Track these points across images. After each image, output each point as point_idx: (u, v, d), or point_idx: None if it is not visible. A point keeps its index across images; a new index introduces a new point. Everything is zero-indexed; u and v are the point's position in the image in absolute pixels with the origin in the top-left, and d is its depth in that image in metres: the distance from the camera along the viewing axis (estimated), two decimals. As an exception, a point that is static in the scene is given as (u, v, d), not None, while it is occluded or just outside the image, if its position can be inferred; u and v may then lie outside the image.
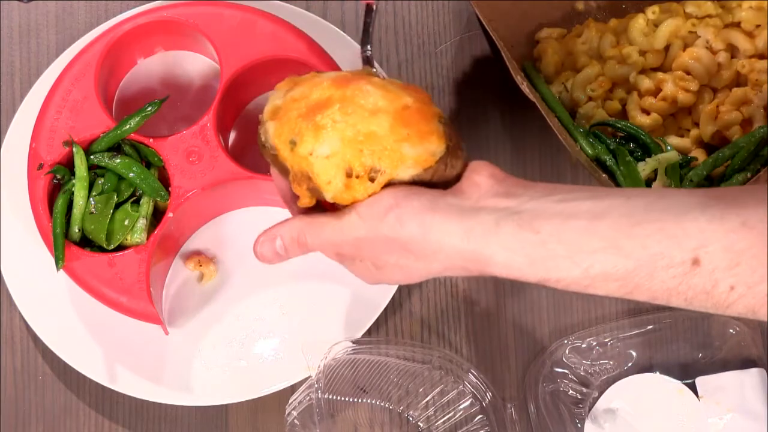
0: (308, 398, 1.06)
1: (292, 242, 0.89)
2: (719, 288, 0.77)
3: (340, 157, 0.84)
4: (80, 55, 1.10)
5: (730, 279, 0.77)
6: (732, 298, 0.77)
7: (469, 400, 1.13)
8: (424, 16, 1.21)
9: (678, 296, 0.78)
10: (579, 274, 0.79)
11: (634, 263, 0.78)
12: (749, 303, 0.77)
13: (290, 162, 0.86)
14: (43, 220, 1.05)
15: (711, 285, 0.77)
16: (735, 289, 0.77)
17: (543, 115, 1.10)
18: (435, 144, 0.85)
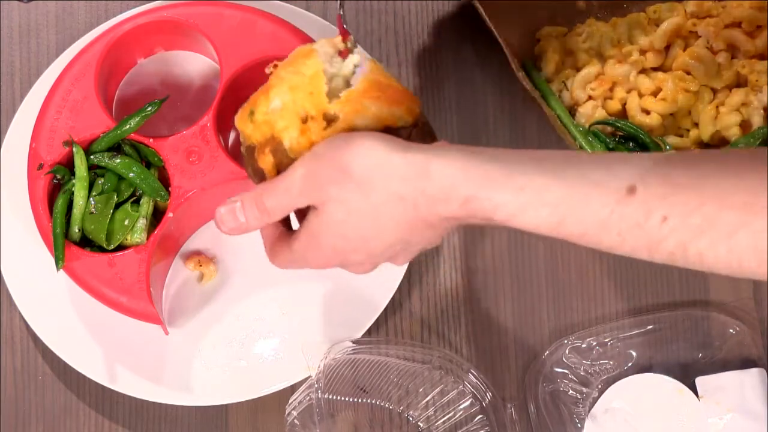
0: (308, 398, 1.06)
1: (251, 206, 0.87)
2: (652, 219, 0.76)
3: (293, 103, 0.85)
4: (80, 55, 1.09)
5: (663, 209, 0.76)
6: (664, 231, 0.76)
7: (469, 400, 1.13)
8: (424, 16, 1.21)
9: (610, 230, 0.77)
10: (511, 193, 0.79)
11: (569, 188, 0.78)
12: (681, 238, 0.76)
13: (254, 136, 0.87)
14: (43, 220, 1.05)
15: (644, 215, 0.76)
16: (668, 221, 0.76)
17: (543, 113, 1.10)
18: (402, 112, 0.86)
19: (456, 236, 1.17)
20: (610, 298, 1.17)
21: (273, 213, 0.86)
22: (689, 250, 0.76)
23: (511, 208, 0.79)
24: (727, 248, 0.75)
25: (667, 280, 1.17)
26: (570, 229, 0.78)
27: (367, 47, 1.19)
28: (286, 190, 0.85)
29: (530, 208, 0.79)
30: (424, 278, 1.16)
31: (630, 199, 0.77)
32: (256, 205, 0.86)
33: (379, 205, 0.81)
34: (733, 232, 0.74)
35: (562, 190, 0.78)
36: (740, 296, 1.16)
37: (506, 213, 0.79)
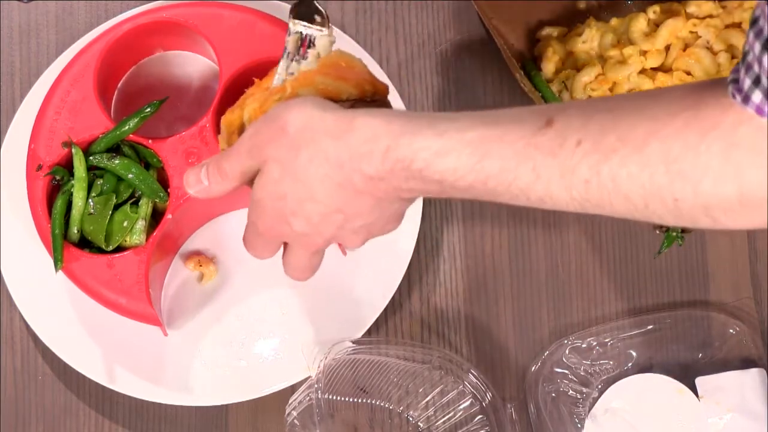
0: (308, 398, 1.06)
1: (212, 169, 0.90)
2: (566, 145, 0.76)
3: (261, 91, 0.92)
4: (79, 56, 1.09)
5: (578, 134, 0.76)
6: (578, 156, 0.76)
7: (469, 400, 1.13)
8: (424, 16, 1.21)
9: (526, 162, 0.77)
10: (431, 138, 0.79)
11: (489, 126, 0.79)
12: (594, 160, 0.75)
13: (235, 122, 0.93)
14: (42, 221, 1.05)
15: (558, 144, 0.76)
16: (581, 144, 0.76)
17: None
18: (350, 87, 0.89)
19: (456, 236, 1.17)
20: (610, 298, 1.17)
21: (230, 175, 0.89)
22: (602, 174, 0.75)
23: (431, 152, 0.80)
24: (638, 162, 0.74)
25: (667, 280, 1.17)
26: (488, 168, 0.78)
27: (367, 47, 1.19)
28: (237, 152, 0.87)
29: (451, 149, 0.79)
30: (424, 278, 1.16)
31: (546, 129, 0.77)
32: (217, 168, 0.89)
33: (307, 162, 0.83)
34: (643, 144, 0.74)
35: (483, 129, 0.79)
36: (740, 296, 1.16)
37: (426, 156, 0.80)
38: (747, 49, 0.71)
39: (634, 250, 1.17)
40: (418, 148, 0.80)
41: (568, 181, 0.77)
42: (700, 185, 0.73)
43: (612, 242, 1.18)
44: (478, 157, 0.78)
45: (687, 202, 0.74)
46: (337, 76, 0.89)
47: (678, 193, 0.74)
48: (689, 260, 1.17)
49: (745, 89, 0.70)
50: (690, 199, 0.74)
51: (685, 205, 0.75)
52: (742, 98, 0.71)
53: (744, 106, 0.71)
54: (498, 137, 0.78)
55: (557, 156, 0.76)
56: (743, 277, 1.17)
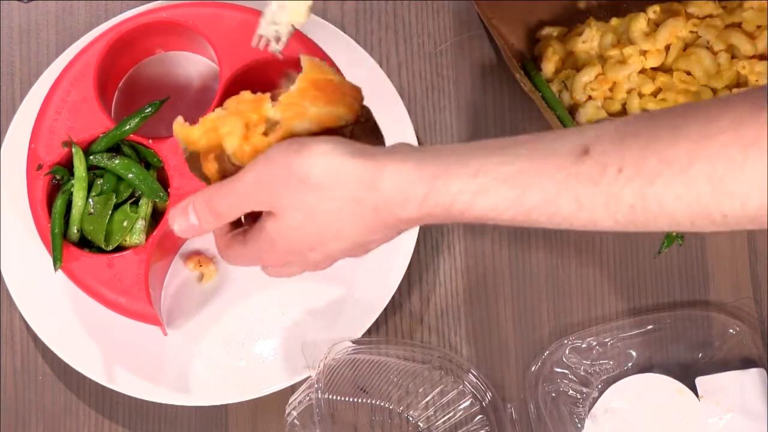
0: (308, 398, 1.06)
1: (202, 208, 0.87)
2: (607, 173, 0.76)
3: (237, 109, 0.87)
4: (80, 56, 1.09)
5: (618, 161, 0.76)
6: (620, 182, 0.76)
7: (469, 400, 1.13)
8: (424, 16, 1.21)
9: (568, 193, 0.77)
10: (468, 176, 0.79)
11: (524, 160, 0.78)
12: (637, 186, 0.75)
13: (199, 142, 0.87)
14: (42, 220, 1.05)
15: (598, 171, 0.76)
16: (623, 171, 0.76)
17: (543, 114, 1.10)
18: (342, 110, 0.87)
19: (456, 236, 1.17)
20: (610, 298, 1.17)
21: (225, 216, 0.87)
22: (647, 198, 0.75)
23: (470, 193, 0.79)
24: (684, 183, 0.74)
25: (667, 280, 1.17)
26: (530, 201, 0.78)
27: (367, 47, 1.19)
28: (237, 195, 0.85)
29: (489, 188, 0.79)
30: (424, 278, 1.16)
31: (584, 158, 0.77)
32: (208, 208, 0.87)
33: (337, 210, 0.82)
34: (687, 165, 0.74)
35: (518, 163, 0.78)
36: (740, 296, 1.16)
37: (466, 199, 0.79)
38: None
39: (634, 250, 1.17)
40: (457, 191, 0.79)
41: (612, 207, 0.77)
42: (748, 201, 0.74)
43: (612, 242, 1.18)
44: (518, 191, 0.78)
45: (735, 216, 0.75)
46: (327, 101, 0.87)
47: (726, 209, 0.74)
48: (689, 260, 1.17)
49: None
50: (738, 214, 0.75)
51: (733, 220, 0.75)
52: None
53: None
54: (536, 171, 0.78)
55: (599, 184, 0.77)
56: (743, 277, 1.17)
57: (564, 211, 0.78)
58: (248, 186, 0.84)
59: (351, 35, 1.18)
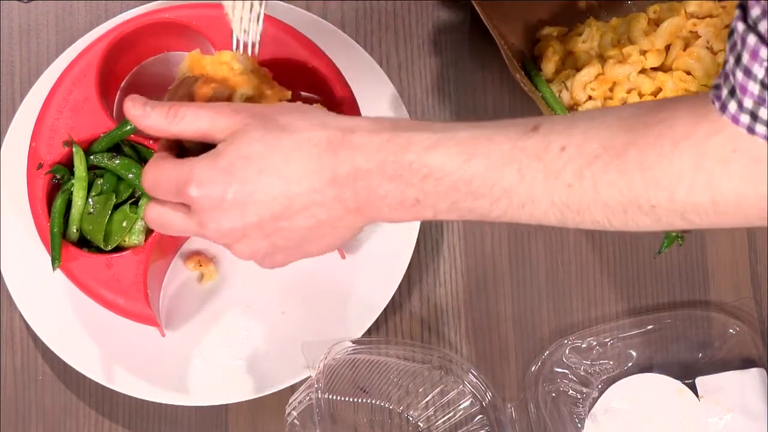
0: (308, 398, 1.06)
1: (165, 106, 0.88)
2: (551, 149, 0.79)
3: None
4: (82, 55, 1.09)
5: (563, 140, 0.79)
6: (562, 161, 0.78)
7: (469, 400, 1.13)
8: (424, 16, 1.21)
9: (511, 164, 0.80)
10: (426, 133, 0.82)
11: (478, 129, 0.82)
12: (577, 166, 0.78)
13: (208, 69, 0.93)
14: (42, 219, 1.05)
15: (543, 147, 0.79)
16: (566, 150, 0.78)
17: (543, 114, 1.10)
18: None
19: (456, 236, 1.17)
20: (610, 298, 1.17)
21: (181, 117, 0.86)
22: (585, 179, 0.78)
23: (424, 146, 0.81)
24: (617, 169, 0.77)
25: (667, 280, 1.17)
26: (474, 168, 0.80)
27: (367, 47, 1.19)
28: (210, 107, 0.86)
29: (440, 145, 0.81)
30: (424, 278, 1.16)
31: (532, 134, 0.80)
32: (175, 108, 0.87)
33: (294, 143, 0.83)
34: (622, 152, 0.77)
35: (473, 131, 0.82)
36: (740, 296, 1.16)
37: (419, 150, 0.81)
38: (726, 59, 0.74)
39: (634, 250, 1.17)
40: (414, 141, 0.82)
41: (551, 184, 0.79)
42: (674, 193, 0.76)
43: (612, 242, 1.18)
44: (466, 156, 0.81)
45: (663, 208, 0.77)
46: None
47: (654, 199, 0.77)
48: (689, 260, 1.17)
49: (723, 98, 0.73)
50: (665, 206, 0.77)
51: (662, 211, 0.77)
52: (720, 106, 0.74)
53: (721, 114, 0.73)
54: (486, 138, 0.81)
55: (542, 159, 0.79)
56: (743, 277, 1.17)
57: (505, 183, 0.80)
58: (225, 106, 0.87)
59: (351, 35, 1.18)
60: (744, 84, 0.71)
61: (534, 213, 0.81)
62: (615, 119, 0.79)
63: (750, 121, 0.72)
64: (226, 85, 0.92)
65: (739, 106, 0.72)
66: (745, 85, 0.71)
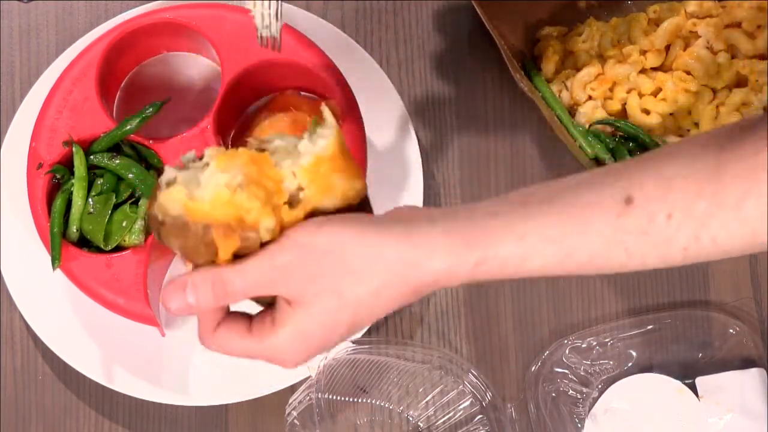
0: (308, 398, 1.06)
1: (206, 287, 0.78)
2: (656, 221, 0.75)
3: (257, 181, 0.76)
4: (82, 55, 1.10)
5: (665, 208, 0.75)
6: (671, 229, 0.75)
7: (469, 400, 1.13)
8: (424, 16, 1.21)
9: (617, 247, 0.77)
10: (514, 241, 0.77)
11: (567, 219, 0.77)
12: (690, 231, 0.75)
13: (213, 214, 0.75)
14: (42, 219, 1.05)
15: (647, 221, 0.76)
16: (673, 217, 0.75)
17: (543, 113, 1.10)
18: (360, 184, 0.79)
19: (456, 236, 1.17)
20: (610, 298, 1.17)
21: (232, 298, 0.79)
22: (702, 239, 0.75)
23: (518, 258, 0.77)
24: (738, 221, 0.74)
25: (667, 280, 1.17)
26: (578, 259, 0.77)
27: (367, 47, 1.19)
28: (258, 276, 0.77)
29: (536, 251, 0.77)
30: (424, 278, 1.16)
31: (630, 209, 0.76)
32: (214, 286, 0.78)
33: (375, 291, 0.77)
34: (739, 203, 0.74)
35: (562, 223, 0.77)
36: (740, 296, 1.16)
37: (515, 263, 0.78)
38: None
39: (634, 250, 1.17)
40: (504, 257, 0.77)
41: (663, 251, 0.77)
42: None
43: (612, 242, 1.17)
44: (565, 252, 0.77)
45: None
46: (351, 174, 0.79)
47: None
48: (689, 260, 1.17)
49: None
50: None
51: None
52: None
53: None
54: (581, 231, 0.77)
55: (648, 233, 0.76)
56: (743, 277, 1.17)
57: (614, 263, 0.77)
58: (275, 267, 0.76)
59: (351, 35, 1.18)
60: None
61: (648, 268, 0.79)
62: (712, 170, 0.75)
63: None
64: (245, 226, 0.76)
65: None
66: None
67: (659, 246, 0.76)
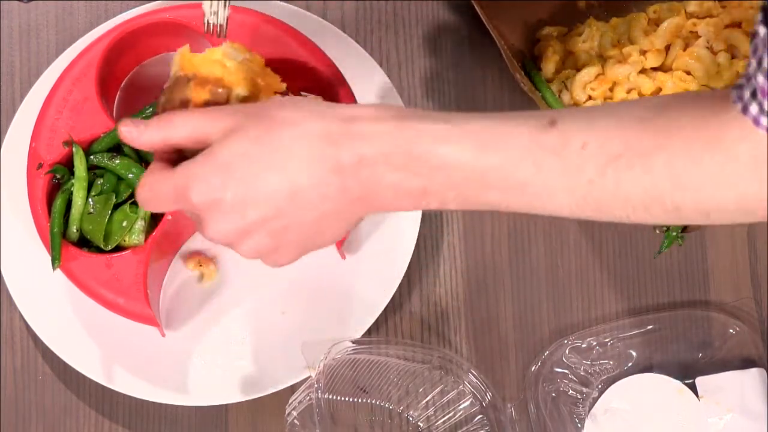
0: (308, 398, 1.06)
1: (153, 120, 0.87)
2: (571, 146, 0.78)
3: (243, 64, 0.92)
4: (82, 55, 1.09)
5: (583, 137, 0.78)
6: (582, 158, 0.78)
7: (469, 400, 1.13)
8: (424, 16, 1.21)
9: (528, 158, 0.79)
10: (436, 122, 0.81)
11: (491, 121, 0.81)
12: (599, 163, 0.78)
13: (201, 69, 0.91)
14: (42, 219, 1.05)
15: (562, 143, 0.79)
16: (587, 147, 0.78)
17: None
18: None
19: (456, 236, 1.17)
20: (610, 298, 1.17)
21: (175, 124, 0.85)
22: (607, 175, 0.78)
23: (434, 137, 0.80)
24: (643, 168, 0.77)
25: (667, 280, 1.17)
26: (489, 159, 0.80)
27: (367, 47, 1.18)
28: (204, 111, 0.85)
29: (452, 136, 0.80)
30: (424, 278, 1.16)
31: (550, 129, 0.79)
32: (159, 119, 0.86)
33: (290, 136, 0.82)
34: (649, 153, 0.77)
35: (485, 122, 0.81)
36: (740, 296, 1.16)
37: (428, 141, 0.80)
38: (749, 61, 0.74)
39: (634, 250, 1.17)
40: (423, 131, 0.81)
41: (570, 179, 0.79)
42: (701, 193, 0.77)
43: (612, 242, 1.18)
44: (480, 148, 0.80)
45: (687, 207, 0.78)
46: None
47: (679, 200, 0.78)
48: (689, 260, 1.17)
49: (745, 99, 0.74)
50: (690, 205, 0.78)
51: (686, 210, 0.78)
52: (742, 107, 0.74)
53: (743, 116, 0.74)
54: (501, 132, 0.80)
55: (561, 155, 0.78)
56: (743, 277, 1.17)
57: (520, 176, 0.79)
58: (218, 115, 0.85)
59: (351, 35, 1.18)
60: (764, 87, 0.72)
61: (548, 206, 0.81)
62: (637, 119, 0.79)
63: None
64: (221, 85, 0.90)
65: (760, 109, 0.73)
66: (765, 89, 0.72)
67: (567, 173, 0.79)
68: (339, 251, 1.10)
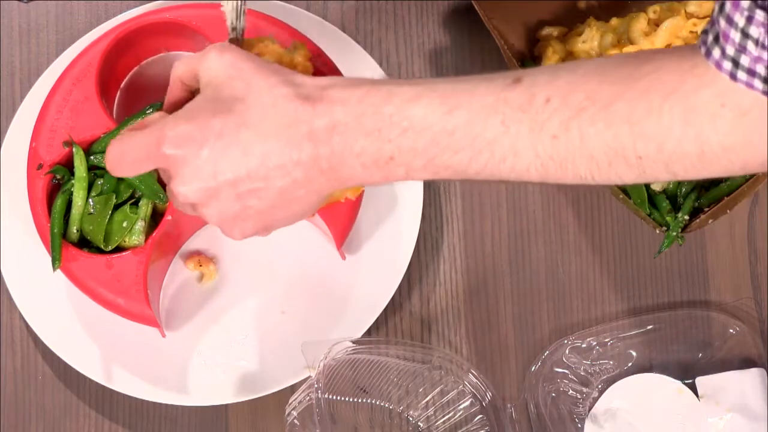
0: (308, 398, 1.06)
1: None
2: (535, 102, 0.79)
3: None
4: (82, 55, 1.09)
5: (547, 91, 0.79)
6: (547, 113, 0.78)
7: (469, 400, 1.13)
8: (424, 16, 1.21)
9: (494, 115, 0.79)
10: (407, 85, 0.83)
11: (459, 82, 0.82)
12: (562, 118, 0.78)
13: None
14: (42, 220, 1.05)
15: (527, 99, 0.79)
16: (551, 101, 0.79)
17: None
18: None
19: (456, 236, 1.17)
20: (610, 298, 1.17)
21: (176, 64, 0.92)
22: (571, 130, 0.78)
23: (405, 98, 0.81)
24: (604, 121, 0.78)
25: (667, 280, 1.17)
26: (456, 118, 0.80)
27: (367, 47, 1.18)
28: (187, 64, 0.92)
29: (421, 96, 0.81)
30: (424, 278, 1.16)
31: (515, 86, 0.80)
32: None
33: (274, 95, 0.83)
34: (609, 104, 0.77)
35: (454, 84, 0.82)
36: (740, 296, 1.16)
37: (399, 102, 0.81)
38: (714, 6, 0.75)
39: (634, 250, 1.17)
40: (395, 93, 0.82)
41: (535, 136, 0.79)
42: (662, 145, 0.77)
43: (612, 242, 1.18)
44: (448, 107, 0.81)
45: (649, 159, 0.78)
46: None
47: (641, 151, 0.78)
48: (689, 260, 1.17)
49: (708, 43, 0.75)
50: (653, 157, 0.78)
51: (648, 163, 0.78)
52: (705, 51, 0.75)
53: (706, 59, 0.75)
54: (468, 90, 0.81)
55: (526, 111, 0.79)
56: (743, 277, 1.17)
57: (488, 134, 0.80)
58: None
59: (351, 35, 1.18)
60: (726, 31, 0.73)
61: (516, 167, 0.81)
62: (599, 72, 0.79)
63: (732, 68, 0.73)
64: None
65: (722, 53, 0.74)
66: (727, 33, 0.73)
67: (533, 127, 0.79)
68: (339, 251, 1.10)
